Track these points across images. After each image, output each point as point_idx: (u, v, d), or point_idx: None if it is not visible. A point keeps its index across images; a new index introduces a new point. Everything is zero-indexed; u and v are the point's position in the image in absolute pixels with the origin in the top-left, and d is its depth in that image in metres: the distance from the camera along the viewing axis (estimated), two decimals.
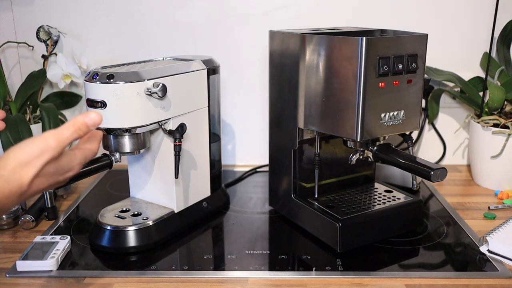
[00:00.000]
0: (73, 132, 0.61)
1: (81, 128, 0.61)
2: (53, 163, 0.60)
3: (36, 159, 0.58)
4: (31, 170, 0.58)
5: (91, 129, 0.62)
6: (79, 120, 0.61)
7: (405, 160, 0.89)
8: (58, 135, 0.60)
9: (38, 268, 0.84)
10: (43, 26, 1.24)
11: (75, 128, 0.61)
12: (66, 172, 0.63)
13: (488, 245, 0.90)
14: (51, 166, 0.60)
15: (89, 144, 0.68)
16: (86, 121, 0.62)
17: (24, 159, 0.58)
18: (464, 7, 1.26)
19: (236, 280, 0.83)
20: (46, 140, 0.59)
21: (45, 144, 0.59)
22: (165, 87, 0.86)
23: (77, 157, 0.64)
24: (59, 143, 0.59)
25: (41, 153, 0.58)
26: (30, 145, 0.58)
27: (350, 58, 0.82)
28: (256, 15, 1.28)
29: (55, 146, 0.59)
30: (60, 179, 0.63)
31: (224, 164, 1.35)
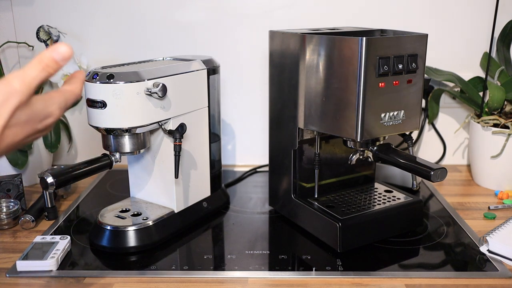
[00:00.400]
0: (40, 70, 0.53)
1: (49, 65, 0.53)
2: (25, 109, 0.52)
3: (1, 107, 0.49)
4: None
5: (61, 64, 0.54)
6: (46, 56, 0.53)
7: (405, 160, 0.89)
8: (23, 75, 0.52)
9: (38, 268, 0.84)
10: (43, 26, 1.24)
11: (42, 65, 0.53)
12: (43, 118, 0.55)
13: (488, 245, 0.90)
14: (23, 112, 0.52)
15: (69, 85, 0.59)
16: (54, 56, 0.53)
17: None
18: (464, 7, 1.26)
19: (236, 280, 0.83)
20: (10, 82, 0.50)
21: (9, 87, 0.50)
22: (165, 87, 0.86)
23: (54, 100, 0.56)
24: (26, 84, 0.51)
25: (6, 98, 0.50)
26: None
27: (350, 58, 0.82)
28: (256, 15, 1.28)
29: (21, 89, 0.51)
30: (38, 127, 0.54)
31: (224, 164, 1.35)
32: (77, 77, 0.60)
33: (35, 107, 0.53)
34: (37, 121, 0.54)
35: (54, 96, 0.56)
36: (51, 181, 0.81)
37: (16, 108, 0.50)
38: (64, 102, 0.57)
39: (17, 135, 0.52)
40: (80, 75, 0.61)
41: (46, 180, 0.80)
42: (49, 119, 0.55)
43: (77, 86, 0.59)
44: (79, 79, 0.60)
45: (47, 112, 0.55)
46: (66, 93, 0.58)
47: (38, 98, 0.54)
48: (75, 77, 0.60)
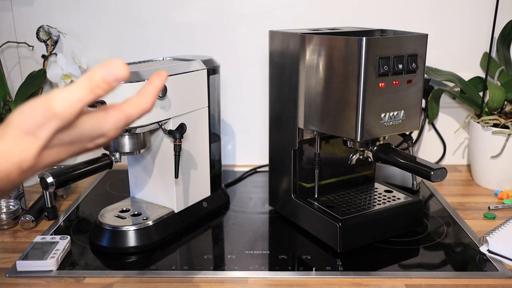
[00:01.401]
0: (88, 92, 0.44)
1: (99, 86, 0.44)
2: (69, 131, 0.46)
3: (40, 129, 0.44)
4: (35, 142, 0.44)
5: (113, 86, 0.45)
6: (97, 75, 0.44)
7: (405, 160, 0.89)
8: (67, 97, 0.44)
9: (38, 268, 0.84)
10: (43, 26, 1.24)
11: (92, 86, 0.44)
12: (94, 138, 0.48)
13: (488, 245, 0.90)
14: (66, 134, 0.46)
15: (135, 100, 0.49)
16: (105, 76, 0.44)
17: (25, 127, 0.44)
18: (464, 7, 1.26)
19: (236, 280, 0.83)
20: (50, 105, 0.44)
21: (48, 110, 0.44)
22: (165, 87, 0.86)
23: (109, 119, 0.47)
24: (68, 108, 0.44)
25: (45, 121, 0.44)
26: (32, 109, 0.44)
27: (350, 58, 0.82)
28: (256, 15, 1.28)
29: (62, 113, 0.44)
30: (88, 146, 0.48)
31: (224, 164, 1.35)
32: (148, 91, 0.49)
33: (82, 128, 0.47)
34: (85, 141, 0.48)
35: (110, 114, 0.48)
36: (51, 181, 0.81)
37: (56, 131, 0.45)
38: (124, 120, 0.48)
39: (61, 155, 0.47)
40: (151, 89, 0.49)
41: (46, 180, 0.80)
42: (101, 139, 0.48)
43: (148, 98, 0.49)
44: (151, 94, 0.49)
45: (100, 132, 0.48)
46: (129, 110, 0.48)
47: (88, 118, 0.47)
48: (145, 90, 0.49)
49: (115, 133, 0.49)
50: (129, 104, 0.48)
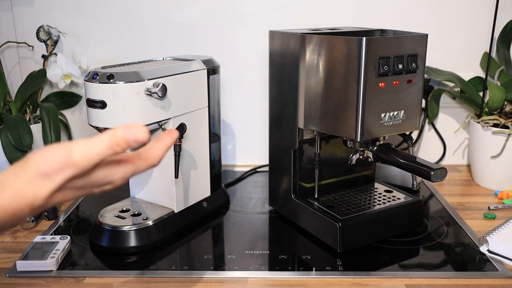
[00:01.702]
0: (108, 148, 0.48)
1: (119, 144, 0.48)
2: (82, 178, 0.50)
3: (56, 174, 0.48)
4: (49, 185, 0.48)
5: (132, 146, 0.49)
6: (119, 134, 0.48)
7: (405, 160, 0.89)
8: (87, 150, 0.48)
9: (38, 268, 0.84)
10: (43, 26, 1.24)
11: (112, 143, 0.48)
12: (102, 185, 0.52)
13: (488, 245, 0.90)
14: (79, 180, 0.50)
15: (147, 153, 0.53)
16: (127, 136, 0.48)
17: (43, 170, 0.48)
18: (464, 7, 1.26)
19: (236, 280, 0.83)
20: (70, 154, 0.48)
21: (68, 158, 0.48)
22: (165, 87, 0.86)
23: (120, 171, 0.52)
24: (87, 160, 0.48)
25: (62, 168, 0.48)
26: (53, 155, 0.48)
27: (350, 58, 0.82)
28: (256, 15, 1.28)
29: (80, 164, 0.48)
30: (94, 191, 0.53)
31: (224, 164, 1.35)
32: (157, 148, 0.53)
33: (94, 177, 0.51)
34: (94, 187, 0.52)
35: (121, 167, 0.52)
36: None
37: (71, 178, 0.49)
38: (132, 172, 0.53)
39: (68, 196, 0.51)
40: (165, 142, 0.53)
41: None
42: (108, 186, 0.53)
43: (157, 154, 0.53)
44: (160, 150, 0.53)
45: (108, 180, 0.52)
46: (139, 163, 0.53)
47: (101, 168, 0.51)
48: (155, 147, 0.53)
49: (122, 182, 0.53)
50: (140, 159, 0.53)
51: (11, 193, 0.48)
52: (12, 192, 0.48)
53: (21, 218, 0.49)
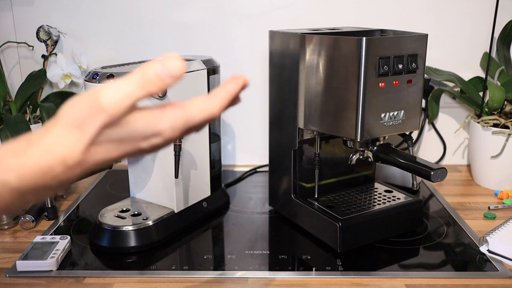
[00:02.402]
0: (139, 87, 0.41)
1: (152, 82, 0.41)
2: (117, 128, 0.42)
3: (86, 123, 0.41)
4: (81, 137, 0.41)
5: (168, 83, 0.42)
6: (150, 69, 0.41)
7: (405, 160, 0.89)
8: (116, 92, 0.41)
9: (38, 268, 0.84)
10: (43, 26, 1.24)
11: (144, 81, 0.41)
12: (148, 137, 0.44)
13: (488, 245, 0.90)
14: (114, 131, 0.42)
15: (203, 100, 0.45)
16: (159, 71, 0.41)
17: (72, 121, 0.41)
18: (464, 7, 1.26)
19: (236, 280, 0.83)
20: (97, 98, 0.41)
21: (95, 104, 0.41)
22: None
23: (166, 117, 0.43)
24: (115, 104, 0.41)
25: (91, 115, 0.41)
26: (81, 103, 0.42)
27: (350, 58, 0.82)
28: (256, 15, 1.28)
29: (109, 109, 0.41)
30: (141, 146, 0.44)
31: (224, 164, 1.35)
32: (217, 95, 0.45)
33: (133, 126, 0.43)
34: (138, 140, 0.44)
35: (167, 112, 0.44)
36: None
37: (103, 127, 0.42)
38: (183, 121, 0.44)
39: (111, 153, 0.44)
40: (222, 93, 0.45)
41: None
42: (156, 138, 0.44)
43: (214, 104, 0.45)
44: (220, 97, 0.45)
45: (154, 131, 0.43)
46: (190, 110, 0.44)
47: (141, 115, 0.43)
48: (215, 93, 0.46)
49: (172, 133, 0.44)
50: (192, 105, 0.45)
51: (38, 149, 0.42)
52: (39, 148, 0.42)
53: (55, 178, 0.43)
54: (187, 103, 0.45)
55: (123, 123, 0.42)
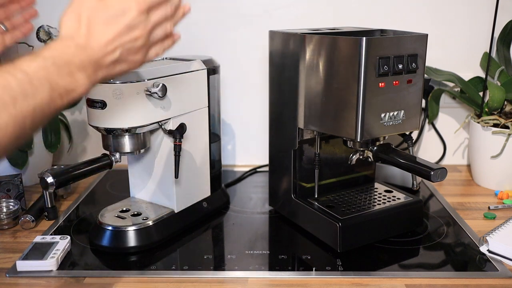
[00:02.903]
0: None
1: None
2: (101, 8, 0.58)
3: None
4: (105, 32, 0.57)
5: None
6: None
7: (405, 160, 0.89)
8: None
9: (38, 268, 0.84)
10: (43, 26, 1.24)
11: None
12: (123, 12, 0.59)
13: (488, 245, 0.90)
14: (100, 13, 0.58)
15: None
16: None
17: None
18: (464, 7, 1.26)
19: (236, 280, 0.83)
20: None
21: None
22: (165, 87, 0.86)
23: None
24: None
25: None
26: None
27: (350, 58, 0.82)
28: (256, 15, 1.28)
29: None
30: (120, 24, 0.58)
31: (224, 164, 1.35)
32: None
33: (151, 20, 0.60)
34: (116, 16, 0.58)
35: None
36: (51, 181, 0.81)
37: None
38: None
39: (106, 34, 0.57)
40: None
41: (46, 180, 0.80)
42: (127, 13, 0.58)
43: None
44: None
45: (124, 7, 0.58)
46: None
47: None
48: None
49: (138, 7, 0.59)
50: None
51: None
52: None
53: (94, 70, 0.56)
54: None
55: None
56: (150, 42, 0.61)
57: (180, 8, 0.67)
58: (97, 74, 0.57)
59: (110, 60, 0.58)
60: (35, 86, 0.50)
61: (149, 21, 0.60)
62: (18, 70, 0.50)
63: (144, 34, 0.60)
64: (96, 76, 0.57)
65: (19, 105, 0.49)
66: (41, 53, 0.53)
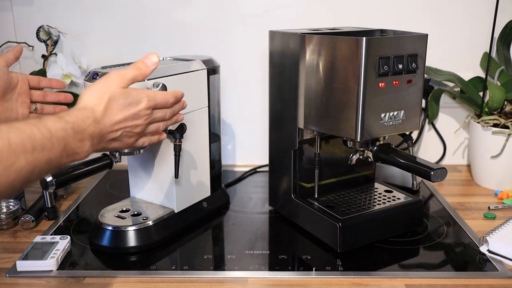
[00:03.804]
0: (134, 70, 0.72)
1: (140, 67, 0.72)
2: (121, 95, 0.69)
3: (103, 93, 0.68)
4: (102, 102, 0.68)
5: (150, 67, 0.73)
6: (139, 60, 0.73)
7: (405, 160, 0.89)
8: (121, 71, 0.71)
9: (38, 268, 0.84)
10: (43, 26, 1.24)
11: (136, 66, 0.72)
12: (136, 103, 0.70)
13: (488, 245, 0.90)
14: (120, 97, 0.69)
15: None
16: (145, 60, 0.73)
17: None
18: (464, 7, 1.26)
19: (236, 280, 0.83)
20: (109, 76, 0.70)
21: (110, 79, 0.70)
22: (165, 87, 0.86)
23: (143, 92, 0.72)
24: (122, 77, 0.70)
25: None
26: (96, 84, 0.70)
27: (350, 58, 0.82)
28: (256, 15, 1.28)
29: (118, 78, 0.70)
30: (133, 111, 0.70)
31: (224, 164, 1.35)
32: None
33: (128, 93, 0.71)
34: (132, 105, 0.70)
35: (143, 91, 0.73)
36: (51, 181, 0.81)
37: (113, 95, 0.69)
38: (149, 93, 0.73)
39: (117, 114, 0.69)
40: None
41: (46, 180, 0.80)
42: (141, 104, 0.71)
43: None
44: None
45: (138, 98, 0.71)
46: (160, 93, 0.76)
47: (132, 89, 0.72)
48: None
49: (147, 101, 0.73)
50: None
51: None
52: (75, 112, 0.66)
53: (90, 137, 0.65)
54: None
55: (125, 91, 0.71)
56: (144, 132, 0.74)
57: (176, 116, 0.80)
58: (98, 145, 0.67)
59: (112, 137, 0.69)
60: (53, 142, 0.59)
61: (151, 116, 0.73)
62: (43, 126, 0.59)
63: (143, 124, 0.72)
64: (98, 146, 0.68)
65: (36, 154, 0.57)
66: (64, 117, 0.63)
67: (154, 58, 0.73)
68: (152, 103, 0.72)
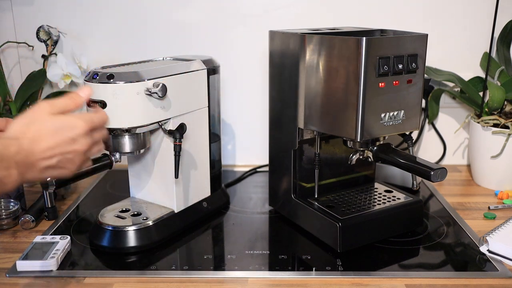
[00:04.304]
0: (65, 99, 0.69)
1: (72, 96, 0.70)
2: (49, 120, 0.65)
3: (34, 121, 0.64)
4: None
5: (82, 96, 0.71)
6: (73, 92, 0.72)
7: (405, 160, 0.89)
8: (51, 100, 0.68)
9: (38, 268, 0.84)
10: (43, 26, 1.24)
11: (68, 96, 0.70)
12: (69, 128, 0.66)
13: (488, 245, 0.90)
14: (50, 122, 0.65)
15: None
16: (78, 91, 0.72)
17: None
18: (464, 7, 1.26)
19: (236, 280, 0.83)
20: (38, 104, 0.66)
21: (38, 107, 0.65)
22: (165, 87, 0.86)
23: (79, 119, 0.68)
24: (51, 105, 0.66)
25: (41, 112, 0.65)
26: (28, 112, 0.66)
27: (350, 58, 0.82)
28: (256, 15, 1.28)
29: (47, 106, 0.66)
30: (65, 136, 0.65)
31: (224, 164, 1.35)
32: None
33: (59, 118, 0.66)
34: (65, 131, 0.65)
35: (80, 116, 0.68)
36: (51, 181, 0.81)
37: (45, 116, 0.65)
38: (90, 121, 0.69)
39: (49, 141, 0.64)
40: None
41: (46, 180, 0.80)
42: (75, 130, 0.66)
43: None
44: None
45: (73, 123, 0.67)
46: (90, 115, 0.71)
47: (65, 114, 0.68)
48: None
49: (84, 125, 0.68)
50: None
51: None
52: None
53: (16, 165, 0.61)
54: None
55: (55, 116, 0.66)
56: (86, 156, 0.69)
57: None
58: (29, 174, 0.63)
59: (45, 164, 0.64)
60: None
61: (91, 139, 0.69)
62: None
63: (84, 149, 0.68)
64: (29, 175, 0.63)
65: None
66: None
67: (87, 91, 0.73)
68: (90, 125, 0.68)
